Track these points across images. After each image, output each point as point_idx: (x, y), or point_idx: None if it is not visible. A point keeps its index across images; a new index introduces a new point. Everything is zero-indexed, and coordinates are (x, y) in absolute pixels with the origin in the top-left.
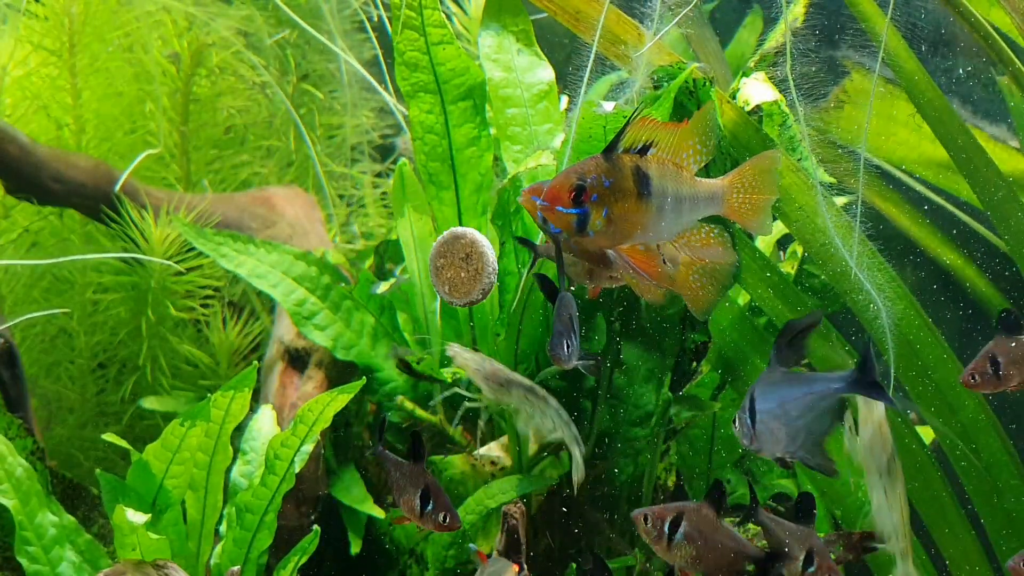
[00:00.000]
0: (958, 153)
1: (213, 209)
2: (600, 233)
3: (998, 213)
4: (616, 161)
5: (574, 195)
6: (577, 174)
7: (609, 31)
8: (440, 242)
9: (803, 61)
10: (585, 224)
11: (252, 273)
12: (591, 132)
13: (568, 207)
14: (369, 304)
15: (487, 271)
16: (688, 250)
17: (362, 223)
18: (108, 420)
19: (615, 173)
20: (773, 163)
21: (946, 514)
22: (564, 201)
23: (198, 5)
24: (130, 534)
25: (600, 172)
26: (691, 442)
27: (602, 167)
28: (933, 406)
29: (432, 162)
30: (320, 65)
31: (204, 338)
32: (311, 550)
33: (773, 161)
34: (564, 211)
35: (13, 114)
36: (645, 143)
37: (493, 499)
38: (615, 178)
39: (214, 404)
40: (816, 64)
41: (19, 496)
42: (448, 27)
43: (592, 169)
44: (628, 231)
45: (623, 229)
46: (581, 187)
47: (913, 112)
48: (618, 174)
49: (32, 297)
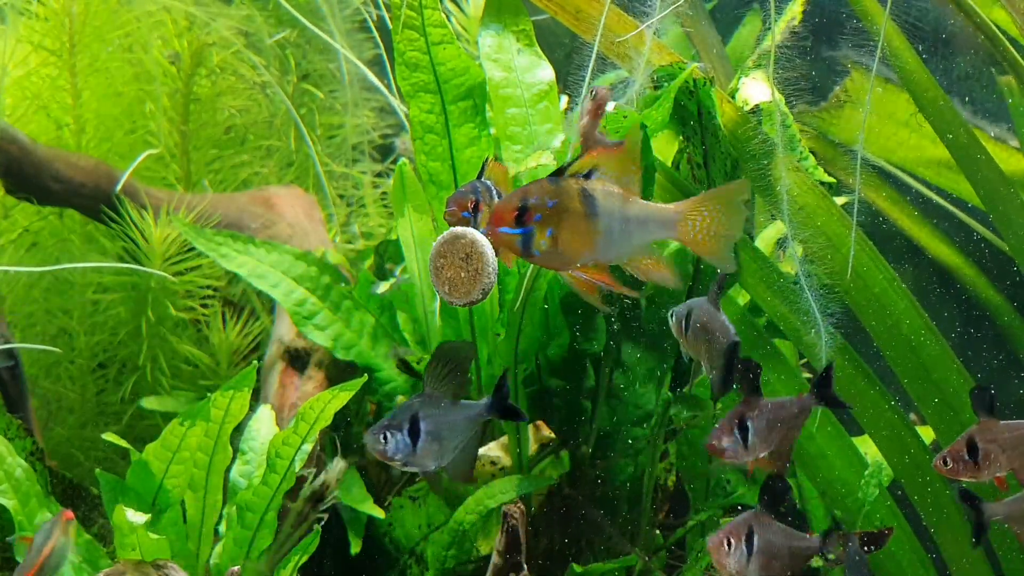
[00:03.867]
0: (959, 152)
1: (213, 209)
2: (545, 253)
3: (999, 213)
4: (561, 183)
5: (517, 215)
6: (520, 195)
7: (610, 30)
8: (440, 242)
9: (801, 60)
10: (530, 244)
11: (252, 273)
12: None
13: (512, 227)
14: (369, 304)
15: (487, 271)
16: (637, 272)
17: (362, 223)
18: (108, 420)
19: (559, 194)
20: (739, 194)
21: (946, 514)
22: (508, 221)
23: (198, 5)
24: (130, 534)
25: (544, 193)
26: (691, 442)
27: (546, 188)
28: (933, 406)
29: (432, 162)
30: (320, 65)
31: (204, 338)
32: (311, 550)
33: (739, 191)
34: (508, 231)
35: (13, 114)
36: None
37: (493, 499)
38: (559, 199)
39: (214, 404)
40: (814, 63)
41: (19, 496)
42: (448, 27)
43: (536, 191)
44: (574, 252)
45: (569, 249)
46: (524, 207)
47: (914, 111)
48: (563, 195)
49: (32, 297)
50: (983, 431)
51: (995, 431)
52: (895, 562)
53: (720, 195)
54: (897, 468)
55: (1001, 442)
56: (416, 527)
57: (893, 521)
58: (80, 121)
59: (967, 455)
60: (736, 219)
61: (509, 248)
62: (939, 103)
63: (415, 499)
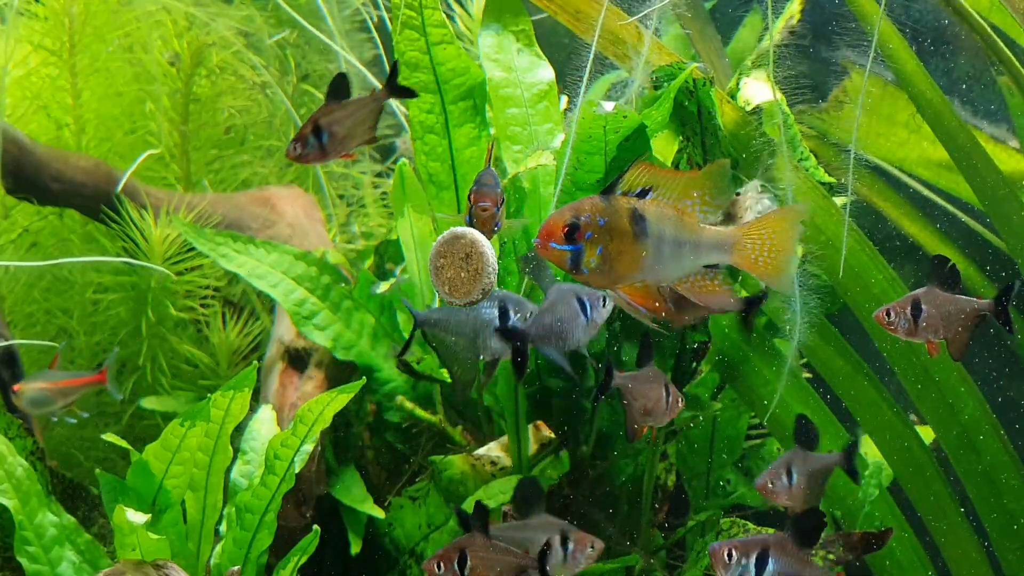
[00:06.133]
0: (958, 153)
1: (213, 209)
2: (594, 271)
3: (998, 213)
4: (613, 201)
5: (567, 232)
6: (572, 212)
7: (609, 31)
8: (440, 242)
9: (801, 60)
10: (579, 261)
11: (252, 273)
12: (591, 132)
13: (562, 243)
14: (369, 304)
15: (487, 271)
16: (692, 295)
17: (362, 223)
18: (108, 420)
19: (610, 213)
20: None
21: (946, 514)
22: (558, 237)
23: (198, 5)
24: (130, 534)
25: (596, 211)
26: (691, 442)
27: (598, 207)
28: (933, 406)
29: (432, 162)
30: (320, 65)
31: (204, 338)
32: (311, 550)
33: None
34: (557, 247)
35: (13, 114)
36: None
37: (493, 499)
38: (610, 217)
39: (214, 404)
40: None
41: (19, 496)
42: (448, 27)
43: (588, 208)
44: (622, 271)
45: (617, 269)
46: (575, 224)
47: (913, 112)
48: (614, 214)
49: (32, 297)
50: (929, 296)
51: (941, 299)
52: (895, 562)
53: (778, 218)
54: (897, 468)
55: (943, 311)
56: (416, 527)
57: (893, 521)
58: (80, 121)
59: (910, 314)
60: (793, 241)
61: (558, 264)
62: (938, 104)
63: (415, 499)
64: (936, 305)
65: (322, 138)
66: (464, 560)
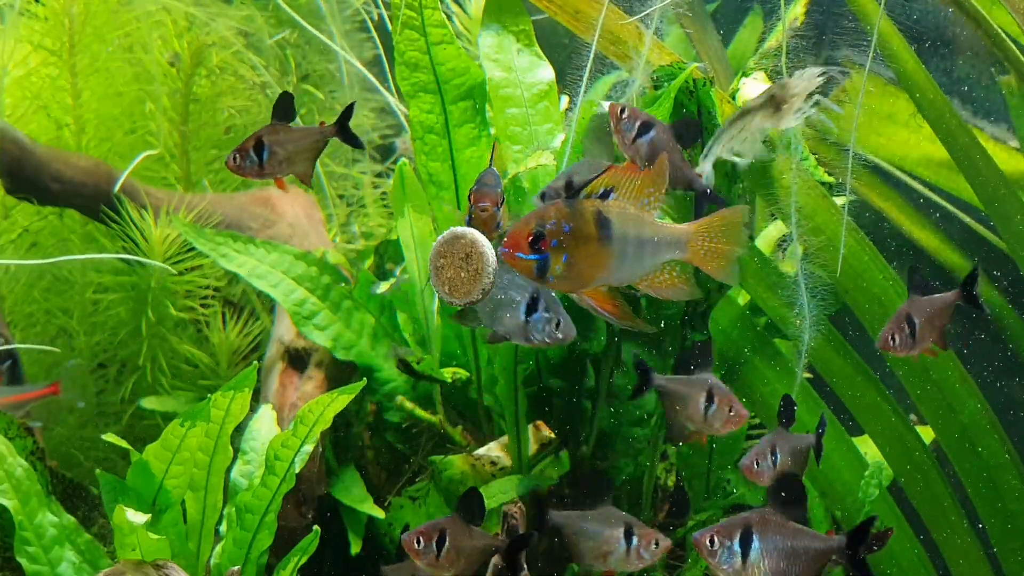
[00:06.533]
0: (958, 153)
1: (213, 209)
2: (560, 278)
3: (998, 213)
4: (576, 206)
5: (532, 240)
6: (537, 219)
7: (609, 31)
8: (440, 242)
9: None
10: (545, 270)
11: (252, 273)
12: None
13: (527, 253)
14: (369, 304)
15: (487, 271)
16: (652, 292)
17: (362, 223)
18: (108, 420)
19: (575, 218)
20: (741, 216)
21: (946, 514)
22: (523, 247)
23: (198, 5)
24: (130, 534)
25: (560, 217)
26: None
27: (562, 213)
28: (933, 406)
29: (432, 162)
30: (320, 65)
31: (204, 338)
32: (311, 550)
33: (741, 215)
34: (523, 257)
35: (13, 114)
36: (606, 189)
37: (493, 499)
38: (575, 223)
39: (214, 404)
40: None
41: (19, 496)
42: (448, 27)
43: (552, 215)
44: (589, 275)
45: (584, 273)
46: (540, 233)
47: (913, 112)
48: (579, 219)
49: (32, 297)
50: (914, 306)
51: (924, 304)
52: (895, 562)
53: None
54: (897, 468)
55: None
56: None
57: (893, 521)
58: (80, 121)
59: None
60: (740, 238)
61: (524, 273)
62: (938, 104)
63: (415, 499)
64: (923, 312)
65: (263, 155)
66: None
